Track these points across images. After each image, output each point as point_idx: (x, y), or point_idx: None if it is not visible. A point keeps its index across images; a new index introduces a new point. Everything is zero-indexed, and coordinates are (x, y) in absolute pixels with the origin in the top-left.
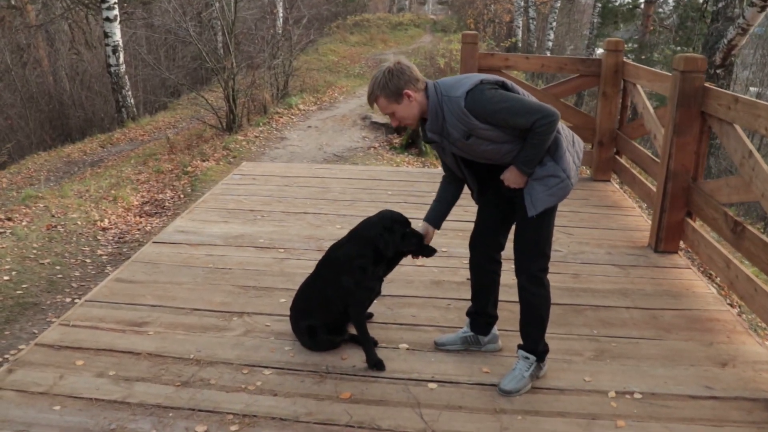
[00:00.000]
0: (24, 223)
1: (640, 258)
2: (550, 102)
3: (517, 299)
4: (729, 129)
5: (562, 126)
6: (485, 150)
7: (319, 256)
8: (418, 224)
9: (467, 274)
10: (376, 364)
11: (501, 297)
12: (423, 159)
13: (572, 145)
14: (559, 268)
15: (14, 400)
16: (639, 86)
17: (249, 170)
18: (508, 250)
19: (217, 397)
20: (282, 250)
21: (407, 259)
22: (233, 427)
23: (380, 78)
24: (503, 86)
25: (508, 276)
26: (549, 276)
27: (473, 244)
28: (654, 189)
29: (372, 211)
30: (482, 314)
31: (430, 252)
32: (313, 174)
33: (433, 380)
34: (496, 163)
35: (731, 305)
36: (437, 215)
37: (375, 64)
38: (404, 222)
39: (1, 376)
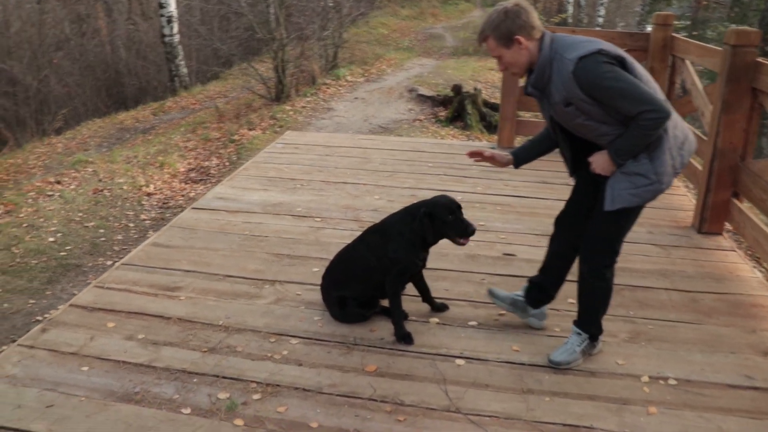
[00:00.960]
0: (72, 187)
1: (683, 238)
2: None
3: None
4: None
5: (675, 126)
6: (581, 124)
7: (356, 226)
8: (457, 197)
9: (504, 249)
10: (404, 338)
11: None
12: (468, 133)
13: (678, 148)
14: None
15: (45, 359)
16: (688, 62)
17: (292, 139)
18: None
19: (242, 364)
20: (319, 219)
21: None
22: (256, 396)
23: (494, 17)
24: (622, 63)
25: None
26: None
27: (558, 222)
28: (700, 168)
29: (411, 183)
30: (541, 289)
31: (466, 233)
32: (355, 144)
33: (462, 356)
34: (591, 141)
35: None
36: (523, 154)
37: (425, 38)
38: (449, 209)
39: (35, 335)
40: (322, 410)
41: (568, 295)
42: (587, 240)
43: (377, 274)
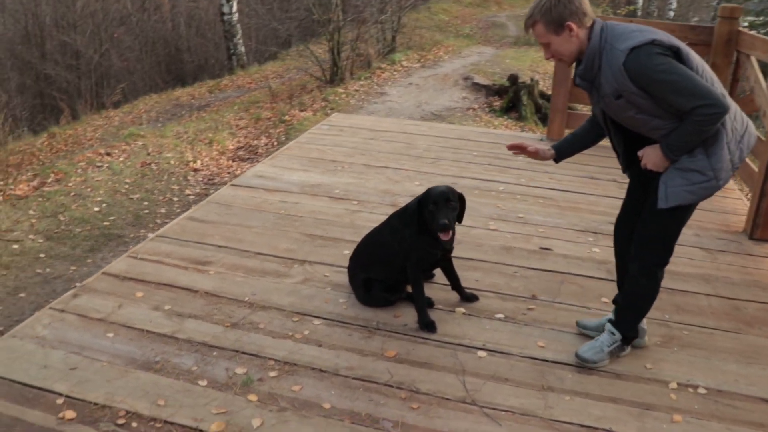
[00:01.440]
0: (121, 159)
1: (732, 244)
2: None
3: (588, 275)
4: None
5: (734, 118)
6: (632, 117)
7: (392, 211)
8: (499, 188)
9: (541, 242)
10: (427, 326)
11: (576, 270)
12: (522, 124)
13: (738, 142)
14: None
15: (74, 324)
16: (753, 58)
17: (338, 121)
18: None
19: (262, 341)
20: (356, 202)
21: (480, 221)
22: (272, 373)
23: (545, 1)
24: (676, 54)
25: (587, 248)
26: None
27: (616, 225)
28: (756, 170)
29: (454, 171)
30: None
31: (437, 226)
32: (401, 129)
33: (484, 348)
34: (644, 135)
35: None
36: (565, 147)
37: (486, 26)
38: (434, 199)
39: (66, 300)
40: (336, 392)
41: (602, 294)
42: (639, 238)
43: (399, 259)
